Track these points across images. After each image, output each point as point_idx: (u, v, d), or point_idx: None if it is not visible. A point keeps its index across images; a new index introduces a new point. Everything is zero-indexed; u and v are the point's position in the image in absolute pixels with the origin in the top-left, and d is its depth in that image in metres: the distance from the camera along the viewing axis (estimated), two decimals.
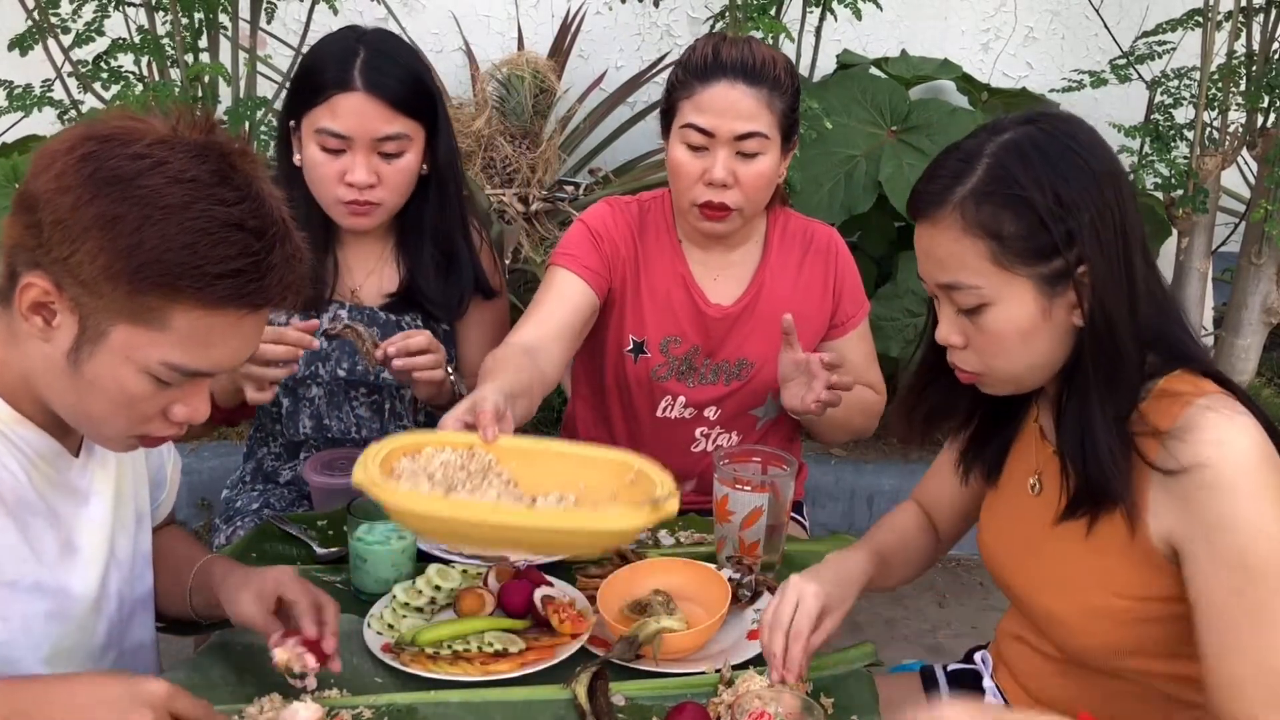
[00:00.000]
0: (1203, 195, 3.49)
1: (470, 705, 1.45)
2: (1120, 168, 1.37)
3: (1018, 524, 1.52)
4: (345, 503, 1.74)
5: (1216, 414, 1.28)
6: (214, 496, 3.15)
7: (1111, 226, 1.32)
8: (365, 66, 1.87)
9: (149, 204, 1.13)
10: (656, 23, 4.17)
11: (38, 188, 1.16)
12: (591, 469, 1.50)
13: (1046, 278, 1.33)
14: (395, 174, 1.92)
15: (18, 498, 1.27)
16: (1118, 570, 1.37)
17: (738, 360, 2.09)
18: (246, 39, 3.36)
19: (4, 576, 1.26)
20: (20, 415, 1.27)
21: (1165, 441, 1.29)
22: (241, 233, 1.16)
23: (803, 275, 2.11)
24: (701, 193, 1.94)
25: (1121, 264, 1.32)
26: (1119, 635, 1.39)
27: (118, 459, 1.44)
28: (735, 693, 1.43)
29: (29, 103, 3.18)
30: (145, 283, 1.14)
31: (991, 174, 1.32)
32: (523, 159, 3.64)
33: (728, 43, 1.93)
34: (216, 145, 1.19)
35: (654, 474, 1.45)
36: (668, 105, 1.98)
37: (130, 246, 1.13)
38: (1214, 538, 1.26)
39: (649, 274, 2.07)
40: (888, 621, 3.16)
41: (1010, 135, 1.34)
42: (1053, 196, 1.30)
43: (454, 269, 2.05)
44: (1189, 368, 1.36)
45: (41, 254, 1.16)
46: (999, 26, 4.28)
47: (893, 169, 3.47)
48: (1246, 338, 3.79)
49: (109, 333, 1.17)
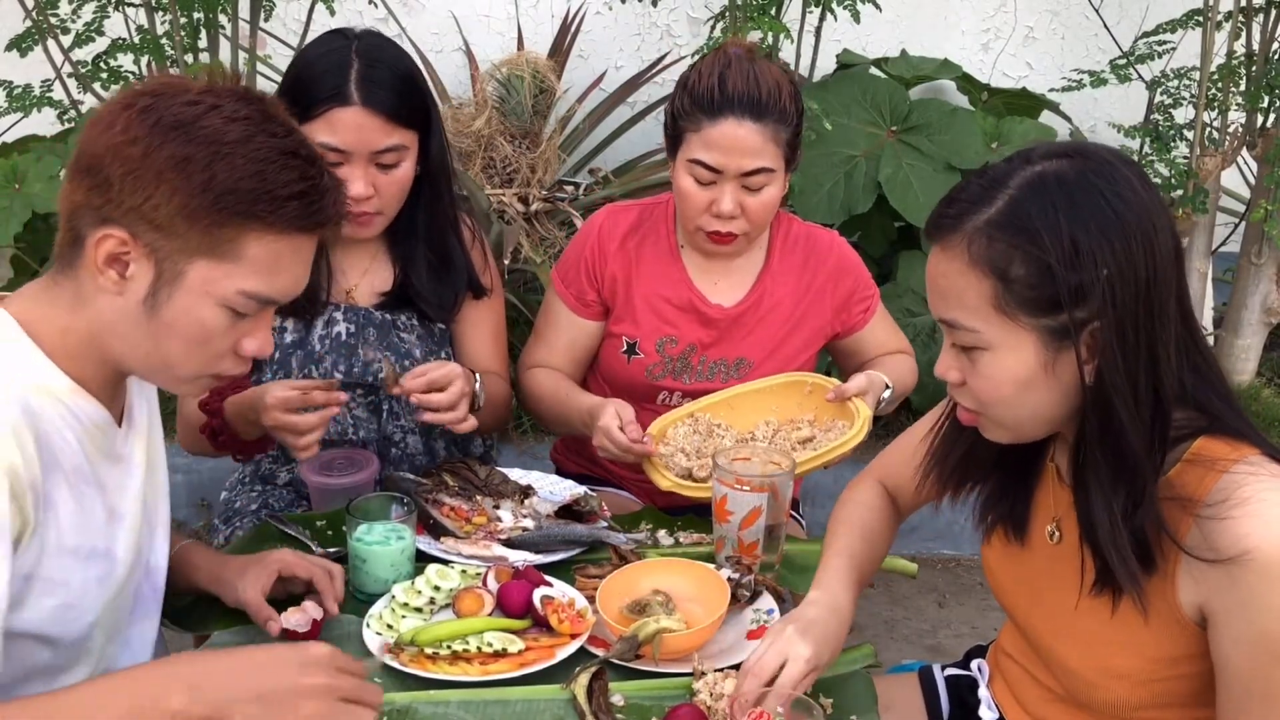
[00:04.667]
0: (1203, 195, 3.49)
1: (469, 705, 1.45)
2: (1161, 221, 1.23)
3: (1035, 572, 1.44)
4: (344, 503, 1.74)
5: (1259, 484, 1.19)
6: (213, 497, 3.15)
7: (1133, 286, 1.19)
8: (361, 79, 1.85)
9: (215, 142, 1.21)
10: (656, 23, 4.17)
11: (99, 148, 1.22)
12: (774, 394, 2.00)
13: (1052, 330, 1.22)
14: (392, 184, 1.92)
15: (74, 467, 1.31)
16: (1145, 632, 1.30)
17: (736, 358, 2.10)
18: (246, 39, 3.37)
19: (66, 544, 1.30)
20: (77, 386, 1.31)
21: (1200, 514, 1.20)
22: (298, 159, 1.26)
23: (805, 279, 2.12)
24: (709, 222, 1.98)
25: (1140, 328, 1.20)
26: (1139, 693, 1.33)
27: (149, 428, 1.47)
28: (708, 686, 1.44)
29: (29, 103, 3.19)
30: (223, 214, 1.22)
31: (1009, 208, 1.22)
32: (523, 159, 3.64)
33: (732, 71, 1.92)
34: (250, 91, 1.30)
35: (823, 380, 1.99)
36: (673, 131, 1.99)
37: (205, 182, 1.21)
38: (1246, 615, 1.20)
39: (644, 279, 2.09)
40: (887, 622, 3.16)
41: (1039, 168, 1.23)
42: (1069, 245, 1.19)
43: (447, 269, 2.05)
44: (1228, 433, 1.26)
45: (111, 208, 1.22)
46: (999, 26, 4.28)
47: (892, 169, 3.47)
48: (1246, 338, 3.79)
49: (186, 272, 1.24)
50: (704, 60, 1.99)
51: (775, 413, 2.01)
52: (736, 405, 2.00)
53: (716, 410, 2.00)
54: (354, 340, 2.03)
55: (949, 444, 1.47)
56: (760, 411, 2.01)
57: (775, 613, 1.63)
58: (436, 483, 1.93)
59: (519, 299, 3.36)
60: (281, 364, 2.02)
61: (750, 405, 2.01)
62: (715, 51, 2.01)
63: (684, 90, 1.96)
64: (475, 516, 1.89)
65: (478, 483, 1.96)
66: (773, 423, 1.99)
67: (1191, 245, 3.70)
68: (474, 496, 1.93)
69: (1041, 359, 1.24)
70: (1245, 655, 1.21)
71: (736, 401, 2.01)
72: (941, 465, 1.49)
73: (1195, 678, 1.30)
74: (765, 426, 1.99)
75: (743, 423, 2.00)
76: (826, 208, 3.45)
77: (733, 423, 1.99)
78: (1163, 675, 1.32)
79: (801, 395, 2.02)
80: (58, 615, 1.31)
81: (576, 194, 3.78)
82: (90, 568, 1.34)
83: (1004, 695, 1.58)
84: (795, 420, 2.00)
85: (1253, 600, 1.19)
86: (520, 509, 1.91)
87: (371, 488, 1.89)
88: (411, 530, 1.71)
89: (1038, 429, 1.32)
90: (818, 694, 1.48)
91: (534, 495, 1.95)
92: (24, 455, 1.21)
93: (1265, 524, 1.18)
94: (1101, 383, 1.22)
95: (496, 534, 1.84)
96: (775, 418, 2.00)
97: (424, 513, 1.82)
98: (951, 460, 1.47)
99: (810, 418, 2.00)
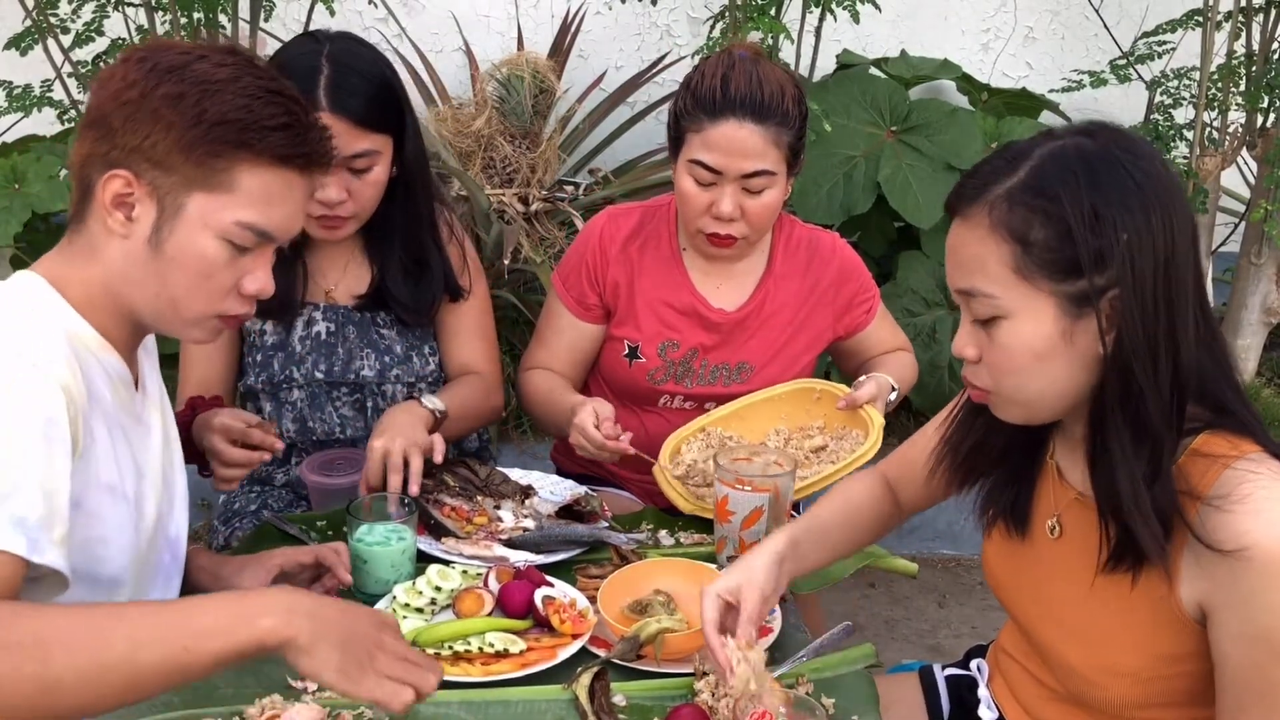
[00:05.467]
0: (1203, 195, 3.49)
1: (471, 705, 1.45)
2: (1180, 201, 1.24)
3: (1035, 567, 1.44)
4: (344, 503, 1.74)
5: (1259, 481, 1.19)
6: (213, 497, 3.14)
7: (1151, 254, 1.20)
8: (330, 86, 1.84)
9: (204, 80, 1.31)
10: (656, 23, 4.17)
11: (103, 100, 1.32)
12: (783, 402, 2.02)
13: (1071, 297, 1.23)
14: (365, 188, 1.91)
15: (107, 410, 1.37)
16: (1148, 630, 1.30)
17: (738, 363, 2.10)
18: (246, 39, 3.37)
19: (102, 479, 1.34)
20: (104, 340, 1.37)
21: (1202, 508, 1.21)
22: (282, 97, 1.34)
23: (807, 284, 2.12)
24: (709, 224, 1.97)
25: (1160, 298, 1.21)
26: (1139, 691, 1.33)
27: (161, 399, 1.52)
28: (710, 686, 1.44)
29: (29, 103, 3.19)
30: (215, 144, 1.30)
31: (1031, 177, 1.24)
32: (522, 159, 3.63)
33: (736, 72, 1.91)
34: (235, 45, 1.41)
35: (831, 386, 2.00)
36: (676, 132, 1.98)
37: (196, 115, 1.29)
38: (1245, 613, 1.20)
39: (645, 282, 2.09)
40: (888, 621, 3.16)
41: (1062, 142, 1.26)
42: (1089, 209, 1.20)
43: (422, 273, 2.04)
44: (1230, 429, 1.26)
45: (116, 153, 1.31)
46: (999, 26, 4.27)
47: (892, 169, 3.47)
48: (1247, 338, 3.79)
49: (185, 205, 1.32)
50: (708, 61, 1.99)
51: (785, 420, 2.01)
52: (746, 416, 2.01)
53: (727, 423, 2.00)
54: (334, 339, 2.03)
55: (962, 432, 1.48)
56: (770, 420, 2.01)
57: (776, 613, 1.63)
58: (437, 483, 1.93)
59: (519, 299, 3.36)
60: (264, 366, 2.03)
61: (760, 415, 2.01)
62: (721, 52, 2.00)
63: (687, 90, 1.96)
64: (476, 517, 1.89)
65: (478, 483, 1.96)
66: (783, 431, 2.00)
67: None
68: (475, 497, 1.93)
69: (1060, 327, 1.24)
70: (1244, 652, 1.21)
71: (746, 412, 2.01)
72: (954, 453, 1.49)
73: (1195, 676, 1.30)
74: (776, 436, 1.99)
75: (754, 433, 2.00)
76: (826, 208, 3.45)
77: (744, 433, 1.99)
78: (1163, 673, 1.32)
79: (810, 402, 2.02)
80: (92, 550, 1.34)
81: (576, 194, 3.78)
82: (121, 509, 1.38)
83: (1004, 694, 1.58)
84: (805, 428, 2.00)
85: (1252, 597, 1.19)
86: (521, 509, 1.91)
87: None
88: (412, 530, 1.71)
89: (1052, 406, 1.32)
90: (819, 694, 1.48)
91: (535, 495, 1.96)
92: (74, 379, 1.27)
93: (1265, 521, 1.18)
94: (1121, 349, 1.22)
95: (497, 534, 1.84)
96: (786, 426, 2.01)
97: (425, 513, 1.83)
98: (964, 449, 1.48)
99: (820, 424, 2.00)
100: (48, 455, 1.22)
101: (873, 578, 3.29)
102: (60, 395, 1.24)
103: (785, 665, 1.53)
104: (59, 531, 1.21)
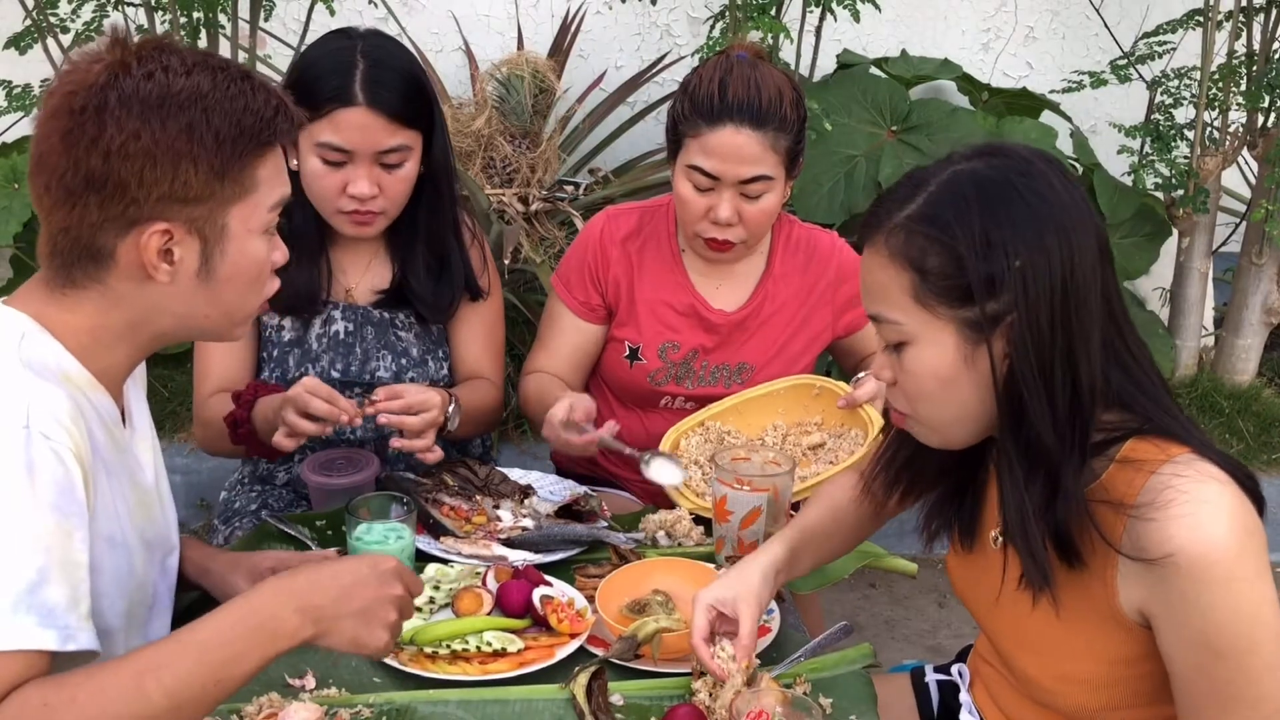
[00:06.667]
0: (1203, 195, 3.49)
1: (469, 704, 1.45)
2: (1082, 218, 1.24)
3: (985, 576, 1.44)
4: (344, 503, 1.73)
5: (1183, 485, 1.19)
6: (213, 497, 3.14)
7: (1048, 279, 1.21)
8: (366, 80, 1.86)
9: (198, 98, 1.25)
10: (656, 23, 4.17)
11: (93, 163, 1.23)
12: (782, 397, 2.01)
13: (969, 323, 1.24)
14: (396, 183, 1.92)
15: (102, 456, 1.34)
16: (1093, 636, 1.30)
17: (738, 363, 2.10)
18: (246, 39, 3.37)
19: (100, 531, 1.32)
20: (94, 379, 1.33)
21: (1130, 517, 1.21)
22: (248, 80, 1.31)
23: (807, 284, 2.12)
24: (707, 229, 1.97)
25: (1058, 321, 1.21)
26: (1100, 696, 1.33)
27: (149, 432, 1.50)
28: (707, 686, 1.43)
29: (29, 103, 3.18)
30: (241, 156, 1.28)
31: (927, 205, 1.26)
32: (522, 159, 3.63)
33: (734, 76, 1.91)
34: (150, 38, 1.31)
35: (831, 383, 1.99)
36: (674, 136, 1.98)
37: (214, 137, 1.26)
38: (1181, 618, 1.20)
39: (645, 283, 2.09)
40: (888, 622, 3.16)
41: (958, 168, 1.27)
42: (980, 236, 1.21)
43: (445, 272, 2.05)
44: (1158, 433, 1.25)
45: (137, 208, 1.25)
46: (999, 26, 4.27)
47: (893, 169, 3.47)
48: (1247, 338, 3.79)
49: (227, 224, 1.31)
50: (706, 64, 1.98)
51: (783, 415, 2.01)
52: (745, 411, 2.02)
53: (726, 417, 2.01)
54: (352, 339, 2.03)
55: (892, 449, 1.49)
56: (768, 414, 2.02)
57: (774, 613, 1.63)
58: (436, 482, 1.93)
59: (519, 299, 3.36)
60: (279, 362, 2.02)
61: (758, 409, 2.02)
62: (719, 54, 1.99)
63: (685, 95, 1.95)
64: (475, 516, 1.89)
65: (477, 482, 1.96)
66: (781, 426, 2.00)
67: (1192, 245, 3.70)
68: (474, 496, 1.93)
69: (963, 353, 1.26)
70: (1187, 654, 1.22)
71: (745, 407, 2.02)
72: (886, 471, 1.50)
73: (1157, 676, 1.29)
74: (774, 430, 1.99)
75: (752, 428, 2.01)
76: (826, 208, 3.45)
77: (742, 428, 2.00)
78: (1121, 676, 1.31)
79: (809, 398, 2.02)
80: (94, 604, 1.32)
81: (576, 194, 3.78)
82: (119, 557, 1.37)
83: (984, 699, 1.57)
84: (803, 423, 2.01)
85: (1184, 602, 1.19)
86: (520, 509, 1.91)
87: (371, 487, 1.89)
88: (411, 530, 1.71)
89: (964, 431, 1.33)
90: (817, 694, 1.48)
91: (534, 495, 1.96)
92: (81, 438, 1.25)
93: (1188, 526, 1.18)
94: (1012, 375, 1.23)
95: (496, 534, 1.84)
96: (783, 420, 2.01)
97: (424, 512, 1.82)
98: (895, 465, 1.49)
99: (818, 420, 2.00)
100: (66, 531, 1.20)
101: (873, 578, 3.29)
102: (75, 465, 1.22)
103: (783, 665, 1.53)
104: (84, 607, 1.21)
